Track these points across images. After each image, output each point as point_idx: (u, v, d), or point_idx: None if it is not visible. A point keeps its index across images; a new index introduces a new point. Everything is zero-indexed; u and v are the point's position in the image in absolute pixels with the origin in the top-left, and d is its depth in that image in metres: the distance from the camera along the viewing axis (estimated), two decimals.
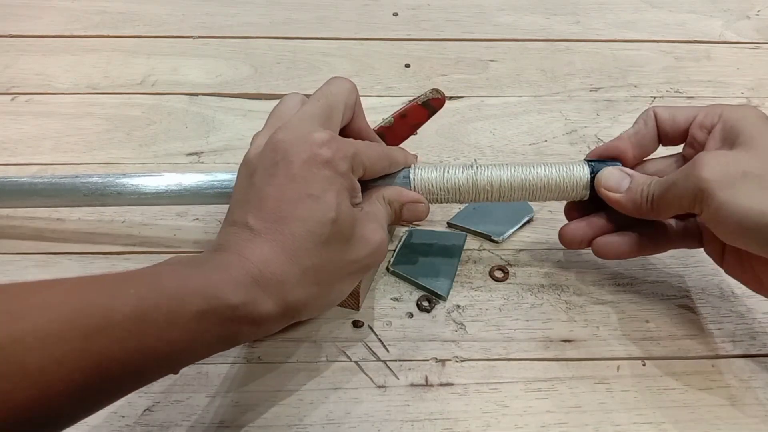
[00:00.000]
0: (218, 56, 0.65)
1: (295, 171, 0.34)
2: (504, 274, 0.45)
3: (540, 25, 0.70)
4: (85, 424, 0.36)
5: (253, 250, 0.33)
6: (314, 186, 0.34)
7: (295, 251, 0.33)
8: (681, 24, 0.70)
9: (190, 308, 0.29)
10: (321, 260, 0.34)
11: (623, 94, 0.61)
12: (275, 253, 0.33)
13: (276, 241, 0.33)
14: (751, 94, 0.61)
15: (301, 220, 0.33)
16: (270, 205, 0.34)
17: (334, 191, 0.34)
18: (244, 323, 0.31)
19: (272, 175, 0.34)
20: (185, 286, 0.30)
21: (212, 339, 0.31)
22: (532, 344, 0.41)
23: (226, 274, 0.31)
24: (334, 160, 0.35)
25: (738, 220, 0.33)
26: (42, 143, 0.55)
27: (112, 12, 0.70)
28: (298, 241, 0.33)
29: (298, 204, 0.33)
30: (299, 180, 0.34)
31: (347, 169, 0.35)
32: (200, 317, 0.30)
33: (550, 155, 0.55)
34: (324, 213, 0.33)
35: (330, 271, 0.34)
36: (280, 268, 0.32)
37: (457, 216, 0.49)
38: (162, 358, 0.29)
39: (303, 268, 0.33)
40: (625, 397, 0.39)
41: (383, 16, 0.71)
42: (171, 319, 0.29)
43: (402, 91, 0.61)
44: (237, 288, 0.31)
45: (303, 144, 0.35)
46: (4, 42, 0.66)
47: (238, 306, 0.31)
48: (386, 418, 0.37)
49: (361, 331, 0.42)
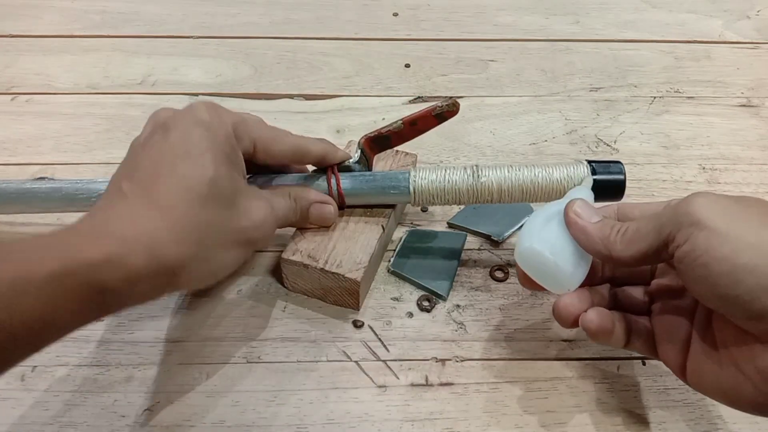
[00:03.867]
0: (218, 56, 0.65)
1: (172, 136, 0.34)
2: (504, 274, 0.45)
3: (540, 25, 0.70)
4: (84, 424, 0.37)
5: (121, 209, 0.32)
6: (192, 146, 0.33)
7: (169, 207, 0.32)
8: (681, 24, 0.70)
9: (41, 272, 0.27)
10: (199, 220, 0.32)
11: (623, 94, 0.61)
12: (146, 209, 0.31)
13: (148, 199, 0.32)
14: (750, 94, 0.61)
15: (177, 177, 0.32)
16: (145, 167, 0.33)
17: (212, 153, 0.34)
18: (110, 282, 0.29)
19: (149, 144, 0.34)
20: (35, 251, 0.28)
21: (75, 304, 0.28)
22: (532, 344, 0.41)
23: (84, 233, 0.29)
24: (213, 124, 0.35)
25: (731, 251, 0.27)
26: (42, 143, 0.55)
27: (112, 12, 0.70)
28: (173, 197, 0.32)
29: (174, 162, 0.33)
30: (176, 142, 0.34)
31: (228, 134, 0.35)
32: (54, 280, 0.27)
33: (550, 155, 0.55)
34: (202, 172, 0.33)
35: (210, 235, 0.33)
36: (151, 223, 0.31)
37: (457, 216, 0.49)
38: (13, 332, 0.26)
39: (178, 225, 0.32)
40: (625, 397, 0.39)
41: (383, 16, 0.71)
42: (18, 287, 0.26)
43: (402, 90, 0.61)
44: (97, 243, 0.29)
45: (182, 114, 0.35)
46: (4, 42, 0.66)
47: (99, 263, 0.28)
48: (386, 418, 0.37)
49: (361, 331, 0.42)
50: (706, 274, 0.28)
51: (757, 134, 0.57)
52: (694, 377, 0.33)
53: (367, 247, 0.42)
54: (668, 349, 0.34)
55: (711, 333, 0.32)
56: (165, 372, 0.39)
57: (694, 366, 0.32)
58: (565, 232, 0.35)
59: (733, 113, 0.59)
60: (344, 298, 0.42)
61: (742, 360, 0.30)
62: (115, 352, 0.40)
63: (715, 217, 0.29)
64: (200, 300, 0.43)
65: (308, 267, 0.41)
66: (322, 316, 0.42)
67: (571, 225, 0.35)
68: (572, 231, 0.35)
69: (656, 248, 0.31)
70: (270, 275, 0.45)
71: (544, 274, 0.35)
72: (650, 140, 0.56)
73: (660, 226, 0.31)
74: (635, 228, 0.32)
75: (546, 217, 0.36)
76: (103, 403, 0.38)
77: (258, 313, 0.43)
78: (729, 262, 0.27)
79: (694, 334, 0.33)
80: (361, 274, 0.40)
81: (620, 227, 0.33)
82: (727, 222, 0.28)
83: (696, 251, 0.28)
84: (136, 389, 0.38)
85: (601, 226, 0.34)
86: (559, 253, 0.34)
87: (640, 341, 0.35)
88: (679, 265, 0.30)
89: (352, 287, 0.41)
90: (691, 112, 0.59)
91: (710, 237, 0.28)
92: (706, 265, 0.28)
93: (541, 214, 0.36)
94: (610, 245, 0.33)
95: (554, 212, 0.36)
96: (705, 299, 0.30)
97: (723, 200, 0.30)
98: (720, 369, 0.31)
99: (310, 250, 0.41)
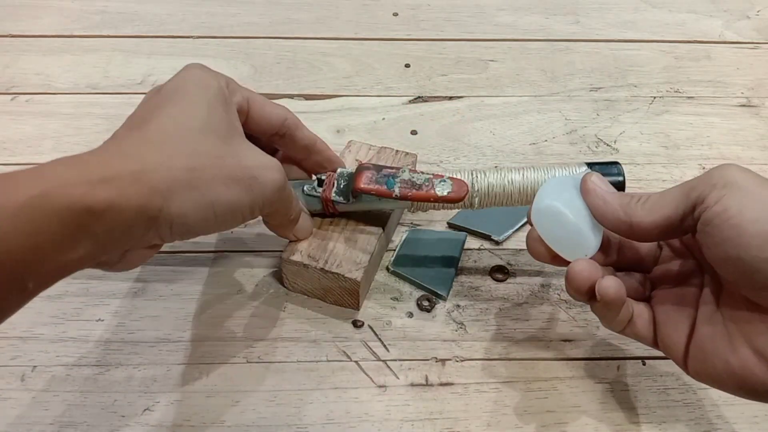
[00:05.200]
0: (218, 56, 0.65)
1: (164, 88, 0.34)
2: (504, 274, 0.45)
3: (540, 25, 0.70)
4: (84, 424, 0.37)
5: (110, 146, 0.31)
6: (184, 93, 0.34)
7: (160, 140, 0.31)
8: (681, 24, 0.70)
9: (18, 197, 0.25)
10: (193, 149, 0.32)
11: (623, 94, 0.61)
12: (135, 144, 0.31)
13: (139, 137, 0.32)
14: (750, 94, 0.61)
15: (169, 116, 0.32)
16: (137, 115, 0.34)
17: (205, 97, 0.34)
18: (94, 204, 0.27)
19: (146, 100, 0.35)
20: (11, 180, 0.26)
21: (57, 228, 0.26)
22: (532, 344, 0.41)
23: (68, 164, 0.28)
24: (205, 76, 0.35)
25: (765, 213, 0.27)
26: (42, 143, 0.55)
27: (112, 12, 0.70)
28: (165, 132, 0.32)
29: (166, 105, 0.33)
30: (168, 92, 0.34)
31: (220, 86, 0.35)
32: (33, 203, 0.26)
33: (550, 155, 0.55)
34: (194, 110, 0.33)
35: (204, 163, 0.32)
36: (139, 152, 0.30)
37: (457, 216, 0.49)
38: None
39: (168, 154, 0.31)
40: (625, 397, 0.39)
41: (383, 16, 0.71)
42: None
43: (402, 90, 0.61)
44: (80, 170, 0.28)
45: (176, 74, 0.35)
46: (4, 42, 0.66)
47: (82, 184, 0.27)
48: (386, 418, 0.37)
49: (361, 331, 0.42)
50: (736, 235, 0.28)
51: (757, 134, 0.57)
52: (698, 364, 0.32)
53: (367, 247, 0.42)
54: (670, 334, 0.33)
55: (720, 314, 0.31)
56: (165, 372, 0.39)
57: (698, 352, 0.32)
58: (583, 202, 0.34)
59: (733, 113, 0.59)
60: (344, 298, 0.42)
61: (756, 338, 0.29)
62: (115, 352, 0.40)
63: (750, 180, 0.29)
64: (201, 300, 0.43)
65: (308, 267, 0.41)
66: (322, 316, 0.42)
67: (590, 193, 0.33)
68: (590, 199, 0.33)
69: (682, 213, 0.30)
70: (270, 275, 0.45)
71: (560, 236, 0.34)
72: (650, 140, 0.56)
73: (689, 189, 0.30)
74: (658, 195, 0.31)
75: (561, 184, 0.35)
76: (103, 403, 0.38)
77: (258, 313, 0.43)
78: (762, 224, 0.27)
79: (700, 317, 0.32)
80: (361, 274, 0.40)
81: (640, 196, 0.32)
82: (761, 186, 0.28)
83: (729, 211, 0.28)
84: (136, 389, 0.38)
85: (621, 195, 0.33)
86: (579, 215, 0.33)
87: (641, 322, 0.34)
88: (706, 227, 0.29)
89: (352, 287, 0.41)
90: (691, 112, 0.59)
91: (744, 198, 0.28)
92: (738, 225, 0.28)
93: (555, 182, 0.35)
94: (630, 211, 0.32)
95: (569, 182, 0.35)
96: (728, 265, 0.29)
97: (753, 171, 0.30)
98: (730, 351, 0.30)
99: (310, 250, 0.41)
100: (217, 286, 0.44)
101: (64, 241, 0.27)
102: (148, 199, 0.29)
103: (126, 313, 0.42)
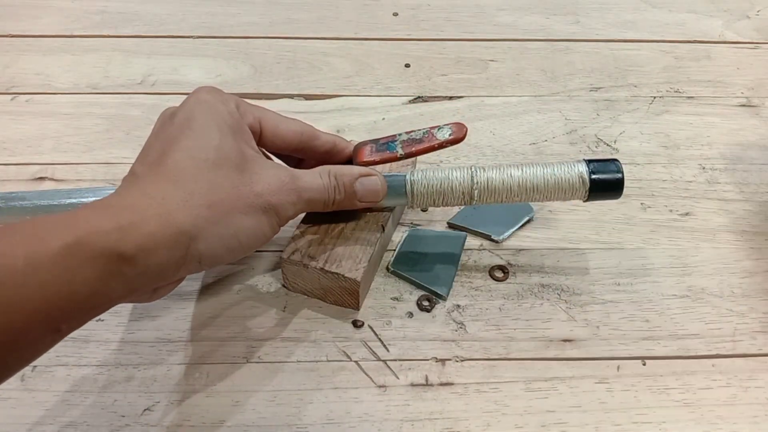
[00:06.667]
0: (218, 56, 0.65)
1: (177, 118, 0.35)
2: (504, 274, 0.45)
3: (540, 25, 0.70)
4: (84, 424, 0.37)
5: (133, 187, 0.32)
6: (195, 122, 0.35)
7: (178, 177, 0.32)
8: (681, 24, 0.70)
9: (54, 244, 0.26)
10: (210, 183, 0.33)
11: (623, 94, 0.61)
12: (156, 183, 0.32)
13: (158, 174, 0.33)
14: (750, 94, 0.61)
15: (183, 150, 0.33)
16: (155, 149, 0.34)
17: (215, 124, 0.35)
18: (125, 249, 0.28)
19: (158, 131, 0.36)
20: (46, 226, 0.27)
21: (91, 273, 0.27)
22: (532, 344, 0.41)
23: (97, 208, 0.29)
24: (215, 101, 0.36)
25: None
26: (42, 143, 0.55)
27: (112, 12, 0.70)
28: (182, 168, 0.33)
29: (179, 138, 0.34)
30: (181, 122, 0.35)
31: (231, 110, 0.36)
32: (68, 251, 0.27)
33: (550, 155, 0.55)
34: (206, 141, 0.34)
35: (222, 197, 0.33)
36: (161, 192, 0.31)
37: (457, 216, 0.49)
38: (35, 308, 0.26)
39: (188, 190, 0.32)
40: (625, 397, 0.39)
41: (383, 16, 0.71)
42: (32, 261, 0.26)
43: (402, 90, 0.61)
44: (109, 215, 0.29)
45: (186, 99, 0.37)
46: (4, 42, 0.66)
47: (112, 230, 0.28)
48: (386, 418, 0.37)
49: (361, 331, 0.42)
50: None
51: (757, 134, 0.57)
52: None
53: (367, 247, 0.42)
54: None
55: None
56: (165, 372, 0.39)
57: None
58: None
59: (733, 113, 0.59)
60: (344, 298, 0.42)
61: None
62: (115, 352, 0.40)
63: None
64: (200, 300, 0.43)
65: (308, 267, 0.41)
66: (322, 316, 0.42)
67: None
68: None
69: None
70: (270, 275, 0.45)
71: None
72: (650, 140, 0.56)
73: None
74: None
75: None
76: (103, 403, 0.38)
77: (258, 313, 0.43)
78: None
79: None
80: (361, 273, 0.40)
81: None
82: None
83: None
84: (136, 389, 0.38)
85: None
86: None
87: None
88: None
89: (352, 287, 0.41)
90: (691, 112, 0.59)
91: None
92: None
93: None
94: None
95: None
96: None
97: None
98: None
99: (310, 250, 0.41)
100: (217, 286, 0.44)
101: (97, 285, 0.28)
102: (176, 240, 0.31)
103: (126, 313, 0.42)
